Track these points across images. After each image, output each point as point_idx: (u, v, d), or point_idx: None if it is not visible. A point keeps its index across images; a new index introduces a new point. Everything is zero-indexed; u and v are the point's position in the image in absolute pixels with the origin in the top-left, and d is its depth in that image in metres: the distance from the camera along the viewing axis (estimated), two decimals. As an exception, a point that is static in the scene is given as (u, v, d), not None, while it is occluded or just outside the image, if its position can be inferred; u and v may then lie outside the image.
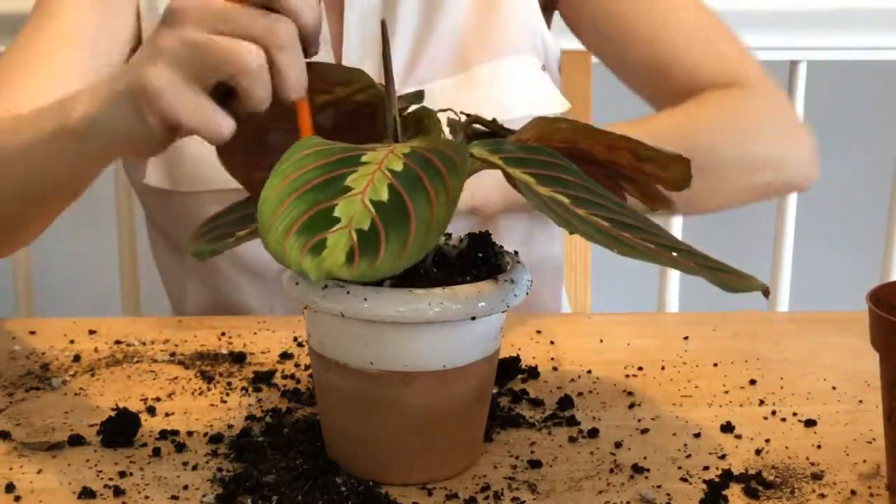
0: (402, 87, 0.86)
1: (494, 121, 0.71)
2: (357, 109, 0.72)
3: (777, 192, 1.08)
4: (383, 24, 0.69)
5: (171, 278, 1.11)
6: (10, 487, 0.68)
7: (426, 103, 0.71)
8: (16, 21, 1.27)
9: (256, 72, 0.66)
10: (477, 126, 0.72)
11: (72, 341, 0.90)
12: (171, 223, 1.05)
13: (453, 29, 1.00)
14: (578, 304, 1.26)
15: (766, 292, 0.61)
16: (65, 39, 0.98)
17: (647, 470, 0.71)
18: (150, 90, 0.68)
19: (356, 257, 0.57)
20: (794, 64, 1.39)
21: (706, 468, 0.71)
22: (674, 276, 1.42)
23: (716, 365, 0.87)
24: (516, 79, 1.01)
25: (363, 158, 0.61)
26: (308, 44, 0.69)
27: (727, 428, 0.76)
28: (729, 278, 0.61)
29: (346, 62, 0.99)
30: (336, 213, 0.59)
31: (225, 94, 0.69)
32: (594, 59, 1.18)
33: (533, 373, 0.84)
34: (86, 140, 0.76)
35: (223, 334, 0.91)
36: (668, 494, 0.68)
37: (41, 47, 0.98)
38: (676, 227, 1.39)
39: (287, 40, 0.67)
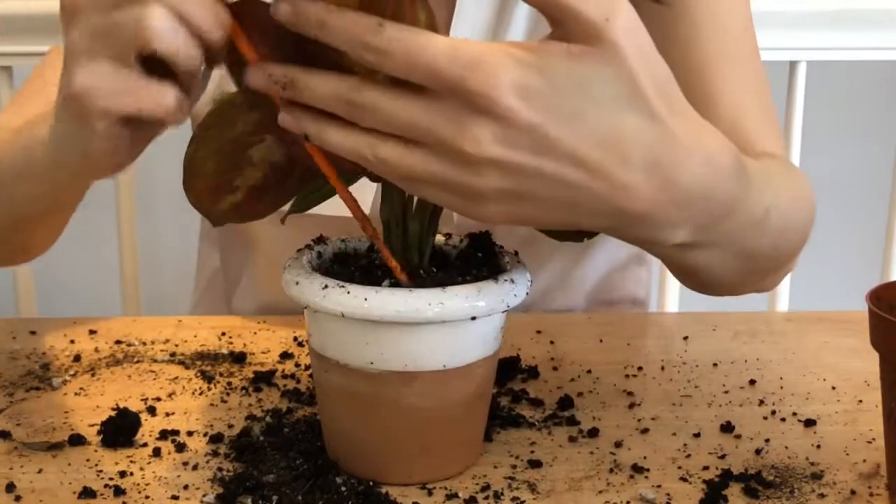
0: None
1: None
2: None
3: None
4: None
5: (232, 268, 1.11)
6: (10, 487, 0.68)
7: None
8: (17, 21, 1.27)
9: (169, 32, 0.60)
10: None
11: (72, 341, 0.90)
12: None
13: None
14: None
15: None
16: None
17: (647, 470, 0.71)
18: (80, 92, 0.62)
19: None
20: (793, 64, 1.38)
21: (706, 468, 0.71)
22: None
23: (716, 365, 0.87)
24: None
25: None
26: None
27: (727, 428, 0.76)
28: None
29: None
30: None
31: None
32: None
33: (533, 373, 0.84)
34: (58, 165, 0.72)
35: (223, 334, 0.91)
36: (668, 494, 0.68)
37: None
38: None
39: None
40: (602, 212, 0.62)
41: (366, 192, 0.88)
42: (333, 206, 0.73)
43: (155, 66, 0.62)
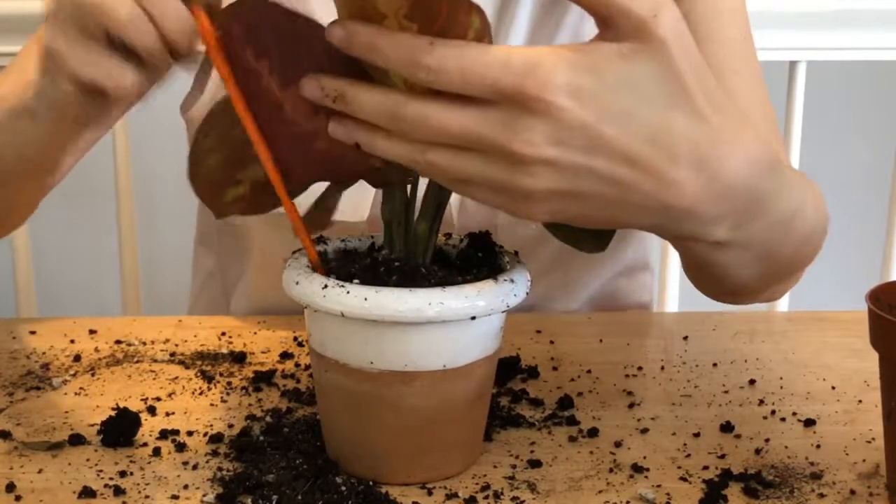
0: None
1: None
2: None
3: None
4: None
5: (229, 271, 1.10)
6: (10, 487, 0.68)
7: None
8: (17, 21, 1.27)
9: (131, 22, 0.65)
10: None
11: (72, 341, 0.90)
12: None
13: (568, 41, 0.96)
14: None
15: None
16: None
17: (647, 470, 0.71)
18: (51, 52, 0.68)
19: None
20: (793, 64, 1.39)
21: (706, 468, 0.71)
22: (674, 275, 1.41)
23: (716, 365, 0.87)
24: None
25: None
26: None
27: (727, 428, 0.76)
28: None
29: None
30: None
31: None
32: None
33: (533, 372, 0.84)
34: (37, 116, 0.76)
35: (223, 334, 0.91)
36: (668, 494, 0.68)
37: None
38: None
39: None
40: (649, 208, 0.63)
41: (362, 202, 0.88)
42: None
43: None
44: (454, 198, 0.92)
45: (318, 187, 0.69)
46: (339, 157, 0.64)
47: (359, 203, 0.90)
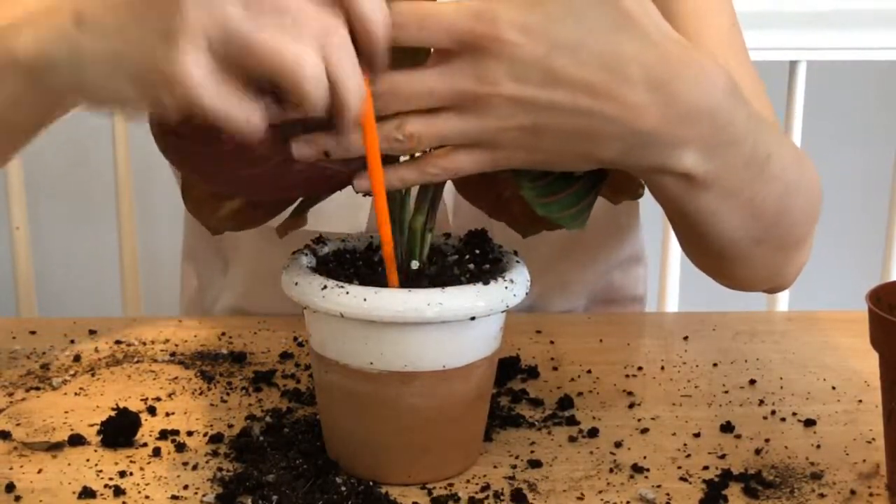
0: None
1: None
2: None
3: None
4: None
5: (207, 276, 1.09)
6: (10, 487, 0.68)
7: None
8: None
9: (313, 82, 0.57)
10: None
11: (72, 341, 0.90)
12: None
13: None
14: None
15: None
16: None
17: (647, 470, 0.71)
18: (182, 78, 0.56)
19: None
20: (793, 64, 1.39)
21: (706, 468, 0.71)
22: (674, 275, 1.41)
23: (716, 365, 0.87)
24: None
25: None
26: (371, 55, 0.60)
27: (727, 428, 0.76)
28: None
29: None
30: None
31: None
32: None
33: (533, 373, 0.84)
34: (42, 82, 0.64)
35: (223, 334, 0.91)
36: (668, 494, 0.68)
37: None
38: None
39: (343, 47, 0.58)
40: (614, 135, 0.64)
41: (360, 211, 0.88)
42: (321, 223, 0.73)
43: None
44: (449, 201, 0.92)
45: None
46: (318, 171, 0.64)
47: (360, 221, 0.89)
